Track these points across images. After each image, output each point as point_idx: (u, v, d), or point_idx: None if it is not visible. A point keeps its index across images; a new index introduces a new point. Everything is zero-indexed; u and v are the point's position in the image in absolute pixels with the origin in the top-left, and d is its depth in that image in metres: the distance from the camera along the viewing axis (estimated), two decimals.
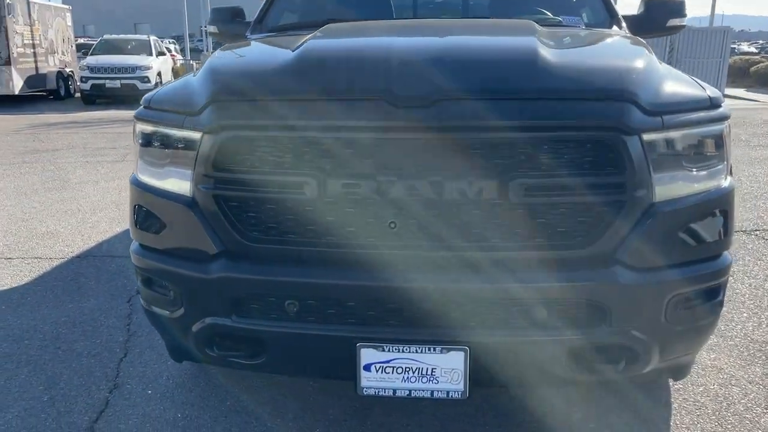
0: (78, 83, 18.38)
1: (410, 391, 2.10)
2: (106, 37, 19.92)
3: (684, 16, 3.67)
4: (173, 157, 2.21)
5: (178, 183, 2.20)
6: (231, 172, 2.06)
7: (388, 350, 2.07)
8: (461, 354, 2.05)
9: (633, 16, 3.66)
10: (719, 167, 2.21)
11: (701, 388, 2.89)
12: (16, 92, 17.07)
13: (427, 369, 2.08)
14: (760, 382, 2.93)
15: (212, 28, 3.94)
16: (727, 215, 2.24)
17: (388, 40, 2.29)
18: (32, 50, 17.82)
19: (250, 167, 2.05)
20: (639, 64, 2.22)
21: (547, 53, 2.16)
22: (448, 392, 2.09)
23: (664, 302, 2.11)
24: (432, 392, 2.10)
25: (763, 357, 3.18)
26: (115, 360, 3.20)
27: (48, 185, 7.30)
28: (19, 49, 17.09)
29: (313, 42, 2.36)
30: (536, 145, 1.96)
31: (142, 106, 2.37)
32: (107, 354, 3.26)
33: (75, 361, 3.19)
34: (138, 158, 2.36)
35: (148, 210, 2.32)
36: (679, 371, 2.49)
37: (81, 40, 26.71)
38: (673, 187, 2.09)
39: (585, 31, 3.06)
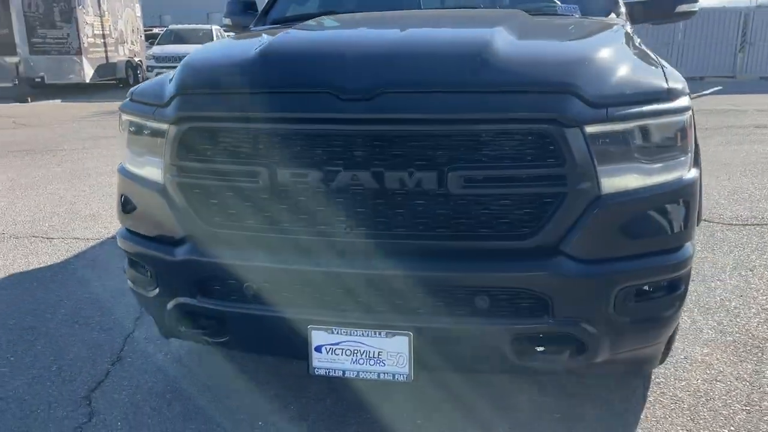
0: (145, 72, 19.18)
1: (358, 372, 2.19)
2: (171, 27, 20.66)
3: (695, 0, 3.56)
4: (148, 147, 2.36)
5: (153, 171, 2.35)
6: (192, 161, 2.19)
7: (337, 333, 2.17)
8: (405, 339, 2.12)
9: (640, 2, 3.58)
10: (680, 159, 2.19)
11: (683, 383, 2.85)
12: (87, 81, 17.96)
13: (373, 352, 2.16)
14: (748, 379, 2.87)
15: (227, 20, 4.09)
16: (688, 207, 2.22)
17: (348, 34, 2.36)
18: (102, 40, 18.67)
19: (209, 157, 2.18)
20: (596, 54, 2.21)
21: (502, 45, 2.18)
22: (393, 375, 2.17)
23: (612, 294, 2.11)
24: (379, 374, 2.18)
25: (759, 354, 3.10)
26: (123, 335, 3.41)
27: (100, 170, 7.71)
28: (89, 40, 17.94)
29: (280, 36, 2.46)
30: (475, 138, 2.00)
31: (127, 98, 2.53)
32: (118, 329, 3.49)
33: (88, 334, 3.43)
34: (125, 148, 2.53)
35: (129, 196, 2.49)
36: (645, 363, 2.48)
37: (156, 30, 27.62)
38: (622, 179, 2.09)
39: (571, 20, 3.03)
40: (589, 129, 2.01)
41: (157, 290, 2.41)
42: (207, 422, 2.64)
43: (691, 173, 2.25)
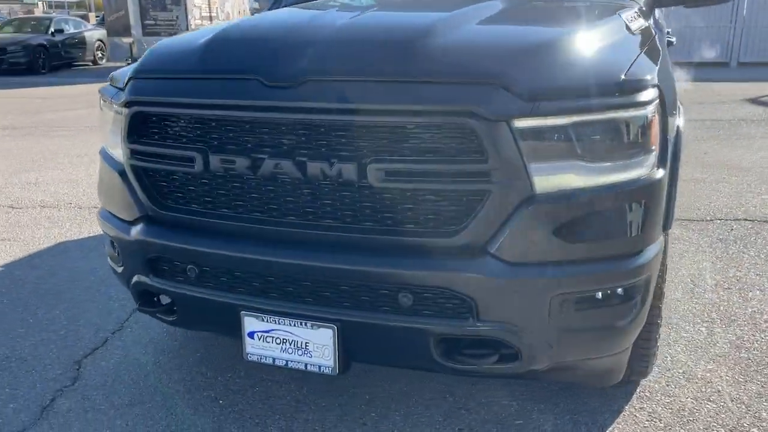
0: None
1: (287, 361, 2.19)
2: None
3: None
4: (114, 129, 2.45)
5: (118, 152, 2.44)
6: (140, 144, 2.26)
7: (268, 321, 2.18)
8: (330, 331, 2.10)
9: None
10: (638, 158, 2.01)
11: (670, 399, 2.64)
12: None
13: (301, 342, 2.15)
14: (746, 402, 2.61)
15: (255, 4, 4.16)
16: (647, 211, 2.04)
17: (292, 21, 2.32)
18: (210, 23, 19.51)
19: (154, 140, 2.24)
20: (544, 43, 2.06)
21: (444, 33, 2.08)
22: (320, 367, 2.15)
23: (546, 300, 1.98)
24: (306, 365, 2.17)
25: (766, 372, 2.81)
26: (133, 306, 3.60)
27: None
28: (197, 21, 18.82)
29: (232, 23, 2.47)
30: (396, 130, 1.93)
31: (107, 81, 2.64)
32: (131, 301, 3.67)
33: (104, 303, 3.64)
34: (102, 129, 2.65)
35: (103, 176, 2.60)
36: (605, 375, 2.31)
37: None
38: (561, 178, 1.95)
39: (573, 4, 2.82)
40: (518, 123, 1.88)
41: (122, 267, 2.51)
42: (170, 397, 2.74)
43: (655, 174, 2.06)
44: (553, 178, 1.94)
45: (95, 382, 2.85)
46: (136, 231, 2.35)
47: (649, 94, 2.01)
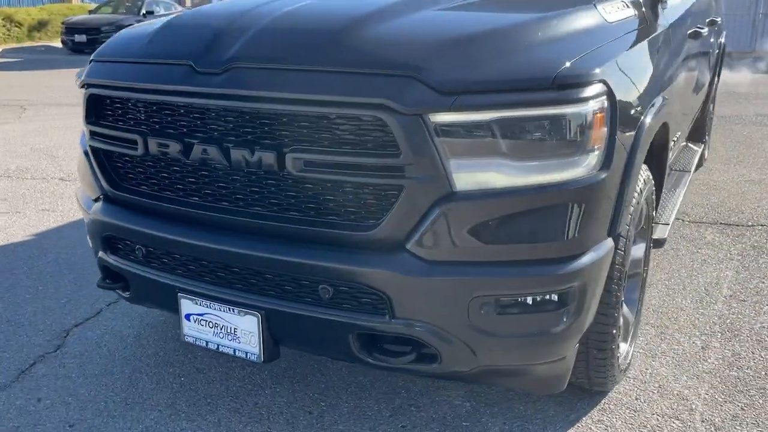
0: None
1: (218, 346, 2.22)
2: None
3: None
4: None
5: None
6: (96, 125, 2.33)
7: (201, 305, 2.21)
8: (255, 319, 2.10)
9: None
10: (574, 158, 1.90)
11: (632, 414, 2.49)
12: None
13: (231, 328, 2.17)
14: (717, 424, 2.43)
15: None
16: (583, 214, 1.93)
17: (234, 8, 2.31)
18: None
19: (106, 122, 2.31)
20: (474, 34, 1.98)
21: (376, 22, 2.03)
22: (246, 353, 2.17)
23: (465, 302, 1.91)
24: (234, 350, 2.19)
25: (755, 397, 2.59)
26: None
27: None
28: None
29: (190, 10, 2.50)
30: (315, 120, 1.90)
31: None
32: None
33: None
34: None
35: (81, 155, 2.71)
36: (546, 382, 2.21)
37: None
38: (483, 176, 1.87)
39: None
40: (435, 118, 1.81)
41: (91, 243, 2.62)
42: (138, 370, 2.83)
43: (596, 176, 1.94)
44: (474, 176, 1.86)
45: (75, 351, 2.99)
46: (95, 209, 2.44)
47: (589, 91, 1.89)
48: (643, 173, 2.44)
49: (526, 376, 2.16)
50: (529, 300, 1.95)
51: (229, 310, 2.15)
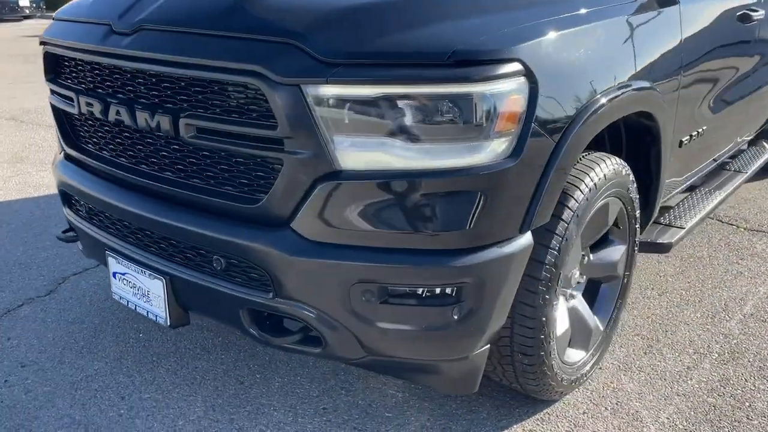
0: None
1: (136, 306, 2.25)
2: None
3: None
4: None
5: None
6: (50, 82, 2.41)
7: (122, 264, 2.25)
8: (160, 283, 2.11)
9: None
10: (473, 143, 1.74)
11: (571, 428, 2.28)
12: None
13: (145, 290, 2.20)
14: None
15: None
16: (482, 206, 1.77)
17: None
18: None
19: (57, 79, 2.38)
20: (371, 2, 1.82)
21: None
22: (156, 316, 2.19)
23: (347, 287, 1.82)
24: (147, 312, 2.22)
25: (726, 429, 2.29)
26: None
27: None
28: None
29: None
30: (203, 85, 1.86)
31: None
32: None
33: None
34: None
35: None
36: (451, 383, 2.06)
37: None
38: (371, 156, 1.75)
39: None
40: (315, 90, 1.70)
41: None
42: (106, 322, 2.95)
43: (501, 164, 1.76)
44: (361, 156, 1.75)
45: (62, 298, 3.16)
46: (54, 164, 2.54)
47: (496, 70, 1.71)
48: (608, 167, 2.20)
49: (431, 373, 2.03)
50: (417, 292, 1.82)
51: (142, 273, 2.17)
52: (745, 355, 2.73)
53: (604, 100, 2.00)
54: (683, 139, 2.82)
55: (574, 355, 2.40)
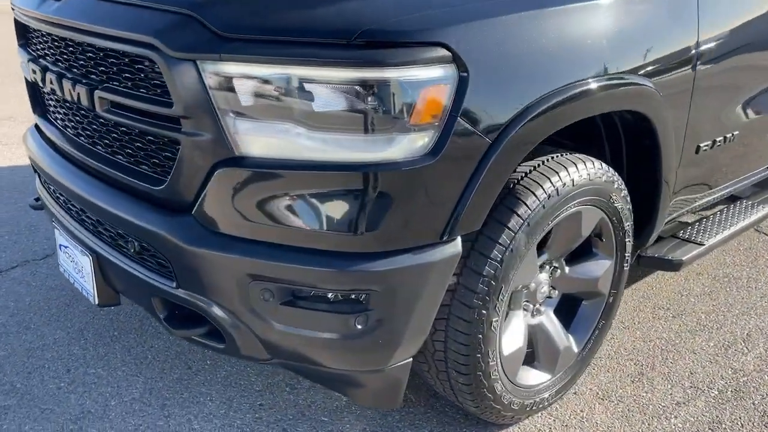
0: None
1: (74, 281, 2.21)
2: None
3: None
4: None
5: None
6: (21, 48, 2.39)
7: (63, 237, 2.21)
8: (88, 260, 2.05)
9: None
10: (383, 136, 1.55)
11: None
12: None
13: (80, 265, 2.15)
14: None
15: None
16: (392, 207, 1.58)
17: None
18: None
19: (23, 47, 2.35)
20: None
21: None
22: (87, 293, 2.13)
23: (244, 283, 1.68)
24: (81, 288, 2.17)
25: None
26: None
27: None
28: None
29: None
30: (112, 57, 1.76)
31: None
32: None
33: None
34: None
35: None
36: (373, 397, 1.88)
37: None
38: (273, 143, 1.60)
39: None
40: (212, 67, 1.56)
41: None
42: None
43: (416, 161, 1.57)
44: (260, 141, 1.60)
45: (55, 263, 3.20)
46: (24, 135, 2.54)
47: (412, 55, 1.51)
48: (580, 171, 1.94)
49: (349, 384, 1.86)
50: (321, 296, 1.66)
51: (76, 248, 2.12)
52: (751, 396, 2.38)
53: (560, 98, 1.73)
54: (702, 145, 2.46)
55: (533, 377, 2.16)
